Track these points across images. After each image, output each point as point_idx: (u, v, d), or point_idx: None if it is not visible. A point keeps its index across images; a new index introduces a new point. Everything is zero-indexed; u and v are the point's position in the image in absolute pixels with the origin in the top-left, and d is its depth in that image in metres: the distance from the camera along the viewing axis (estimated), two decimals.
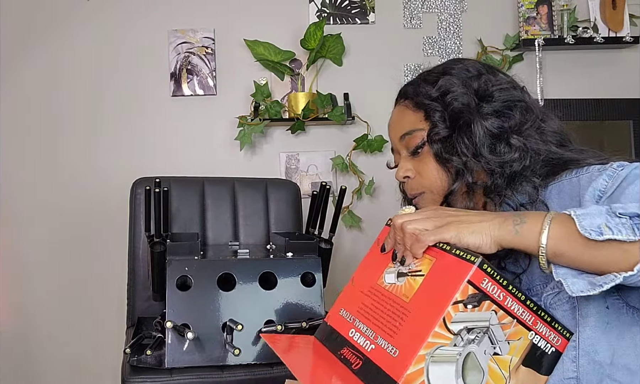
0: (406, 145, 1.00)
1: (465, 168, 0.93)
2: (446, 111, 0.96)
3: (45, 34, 2.31)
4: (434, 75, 1.00)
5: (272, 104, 2.34)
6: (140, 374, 1.29)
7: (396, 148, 1.04)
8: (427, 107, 0.97)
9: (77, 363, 2.32)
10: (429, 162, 0.97)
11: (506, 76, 1.00)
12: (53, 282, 2.31)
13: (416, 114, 0.99)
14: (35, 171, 2.31)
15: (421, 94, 0.99)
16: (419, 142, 0.98)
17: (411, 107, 1.01)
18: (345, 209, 2.38)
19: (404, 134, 1.00)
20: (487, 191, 0.92)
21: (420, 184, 0.99)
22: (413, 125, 0.99)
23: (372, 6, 2.43)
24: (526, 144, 0.92)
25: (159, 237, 1.46)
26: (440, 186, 0.96)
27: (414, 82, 1.04)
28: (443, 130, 0.95)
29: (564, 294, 0.78)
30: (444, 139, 0.95)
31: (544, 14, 2.45)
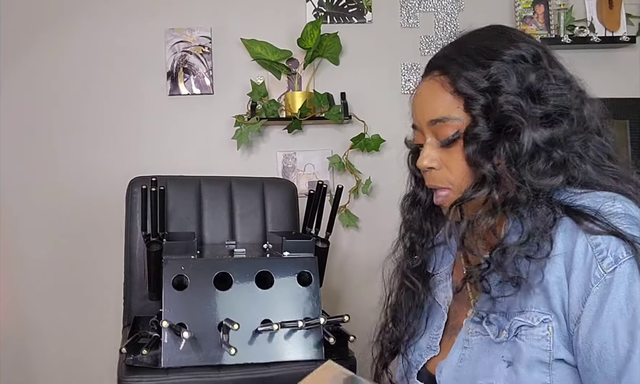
0: (436, 132, 0.86)
1: (496, 179, 0.82)
2: (493, 110, 0.82)
3: (42, 33, 2.31)
4: (485, 56, 0.84)
5: (269, 103, 2.33)
6: (136, 373, 1.29)
7: (421, 128, 0.89)
8: (470, 98, 0.83)
9: (73, 362, 2.32)
10: (458, 159, 0.85)
11: (562, 71, 0.87)
12: (49, 281, 2.30)
13: (454, 99, 0.84)
14: (31, 169, 2.30)
15: (466, 79, 0.83)
16: (453, 133, 0.84)
17: (448, 88, 0.85)
18: (342, 209, 2.38)
19: (435, 119, 0.86)
20: (505, 203, 0.82)
21: (446, 179, 0.87)
22: (448, 111, 0.84)
23: (369, 5, 2.43)
24: (566, 162, 0.82)
25: (155, 236, 1.46)
26: (464, 186, 0.85)
27: (456, 55, 0.86)
28: (484, 131, 0.82)
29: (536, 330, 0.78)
30: (483, 142, 0.82)
31: (541, 13, 2.45)
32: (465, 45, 0.87)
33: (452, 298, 0.96)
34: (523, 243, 0.80)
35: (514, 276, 0.80)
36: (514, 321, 0.81)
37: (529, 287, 0.80)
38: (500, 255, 0.81)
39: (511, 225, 0.83)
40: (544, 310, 0.79)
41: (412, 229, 1.01)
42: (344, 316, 1.39)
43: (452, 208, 0.86)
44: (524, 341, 0.79)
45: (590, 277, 0.75)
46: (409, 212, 1.01)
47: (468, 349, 0.87)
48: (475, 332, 0.87)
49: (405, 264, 1.01)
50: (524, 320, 0.80)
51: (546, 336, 0.78)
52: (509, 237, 0.82)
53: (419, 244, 1.00)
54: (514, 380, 0.79)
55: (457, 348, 0.89)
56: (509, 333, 0.81)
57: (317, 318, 1.37)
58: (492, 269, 0.82)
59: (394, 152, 2.43)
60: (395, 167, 2.67)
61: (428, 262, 1.01)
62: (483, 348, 0.85)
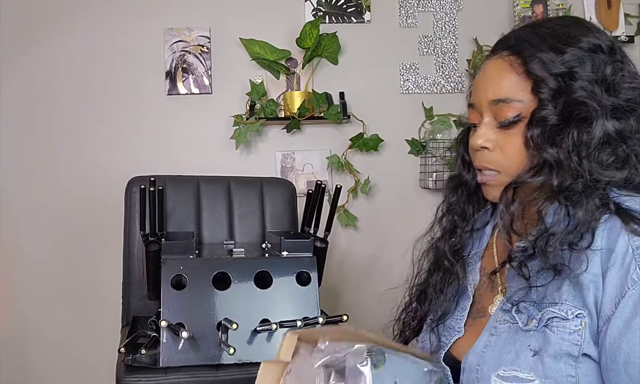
0: (496, 112, 0.85)
1: (558, 166, 0.80)
2: (565, 95, 0.80)
3: (41, 33, 2.31)
4: (560, 41, 0.82)
5: (268, 103, 2.33)
6: (135, 373, 1.29)
7: (479, 107, 0.88)
8: (541, 80, 0.81)
9: (71, 362, 2.32)
10: (515, 142, 0.84)
11: (633, 67, 0.86)
12: (48, 280, 2.30)
13: (521, 81, 0.83)
14: (30, 169, 2.30)
15: (540, 61, 0.81)
16: (514, 115, 0.83)
17: (517, 69, 0.83)
18: (340, 208, 2.38)
19: (498, 99, 0.84)
20: (559, 191, 0.80)
21: (498, 162, 0.86)
22: (513, 92, 0.83)
23: (368, 5, 2.43)
24: (629, 157, 0.81)
25: (154, 236, 1.46)
26: (517, 171, 0.84)
27: (530, 38, 0.85)
28: (552, 116, 0.80)
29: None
30: (550, 126, 0.80)
31: (540, 13, 2.45)
32: (540, 29, 0.86)
33: (478, 282, 0.96)
34: (570, 232, 0.79)
35: (556, 264, 0.79)
36: (546, 312, 0.80)
37: (566, 276, 0.79)
38: (545, 241, 0.80)
39: (556, 212, 0.81)
40: (578, 305, 0.78)
41: (454, 212, 1.00)
42: (343, 316, 1.39)
43: (507, 191, 0.85)
44: (555, 332, 0.79)
45: (627, 279, 0.75)
46: (453, 194, 1.01)
47: (495, 336, 0.86)
48: (503, 320, 0.86)
49: (444, 245, 0.99)
50: (557, 312, 0.79)
51: (578, 331, 0.78)
52: (554, 224, 0.81)
53: (460, 227, 0.99)
54: (539, 369, 0.79)
55: (485, 335, 0.88)
56: (538, 323, 0.81)
57: (316, 318, 1.37)
58: (535, 255, 0.81)
59: (393, 152, 2.44)
60: (394, 167, 2.67)
61: (465, 246, 1.00)
62: (510, 335, 0.84)
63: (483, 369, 0.85)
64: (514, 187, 0.84)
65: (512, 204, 0.84)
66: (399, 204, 2.45)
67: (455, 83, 2.47)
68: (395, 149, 2.44)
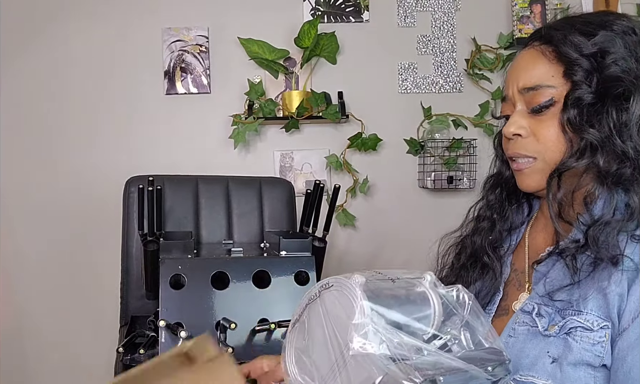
0: (528, 100, 0.86)
1: (601, 146, 0.79)
2: (598, 73, 0.80)
3: (39, 33, 2.30)
4: (590, 27, 0.83)
5: (267, 103, 2.33)
6: None
7: (511, 98, 0.89)
8: (573, 63, 0.81)
9: (70, 361, 2.32)
10: (550, 127, 0.83)
11: None
12: (46, 280, 2.30)
13: (552, 67, 0.84)
14: (29, 169, 2.30)
15: (571, 43, 0.82)
16: (546, 100, 0.83)
17: (549, 55, 0.84)
18: (339, 208, 2.38)
19: (529, 87, 0.85)
20: (607, 174, 0.78)
21: (534, 148, 0.85)
22: (544, 79, 0.84)
23: (366, 5, 2.43)
24: None
25: (152, 235, 1.46)
26: (555, 157, 0.83)
27: (561, 26, 0.86)
28: (588, 94, 0.80)
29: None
30: (587, 106, 0.80)
31: (538, 12, 2.46)
32: (571, 18, 0.87)
33: (508, 277, 0.95)
34: (628, 220, 0.77)
35: (613, 255, 0.76)
36: (570, 320, 0.78)
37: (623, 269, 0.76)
38: (600, 230, 0.78)
39: (607, 200, 0.79)
40: (603, 316, 0.77)
41: (493, 209, 1.00)
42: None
43: (552, 179, 0.83)
44: (577, 342, 0.77)
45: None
46: (492, 192, 1.01)
47: (513, 338, 0.85)
48: (523, 322, 0.85)
49: (483, 241, 0.98)
50: (582, 322, 0.77)
51: (602, 343, 0.76)
52: (606, 213, 0.79)
53: (499, 224, 0.98)
54: (557, 377, 0.77)
55: (503, 336, 0.87)
56: (560, 330, 0.79)
57: None
58: (587, 246, 0.79)
59: (391, 152, 2.44)
60: (393, 166, 2.68)
61: (502, 244, 0.99)
62: (528, 338, 0.83)
63: None
64: (558, 174, 0.83)
65: (558, 191, 0.83)
66: (398, 203, 2.46)
67: (453, 83, 2.47)
68: (393, 149, 2.44)
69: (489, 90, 2.46)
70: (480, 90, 2.47)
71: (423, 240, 1.08)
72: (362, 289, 0.62)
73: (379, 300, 0.62)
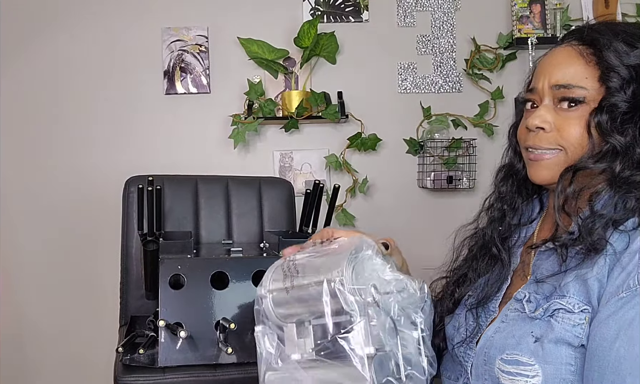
0: (557, 95, 0.87)
1: (624, 153, 0.82)
2: (635, 84, 0.83)
3: (39, 33, 2.31)
4: (634, 38, 0.85)
5: (266, 103, 2.33)
6: (133, 373, 1.29)
7: (541, 91, 0.90)
8: (612, 69, 0.84)
9: (69, 361, 2.32)
10: (575, 124, 0.86)
11: None
12: (46, 280, 2.30)
13: (588, 69, 0.85)
14: (28, 168, 2.30)
15: (614, 50, 0.84)
16: (576, 97, 0.85)
17: (587, 57, 0.86)
18: (339, 208, 2.38)
19: (561, 85, 0.86)
20: (619, 180, 0.82)
21: (556, 141, 0.87)
22: (577, 79, 0.86)
23: (366, 5, 2.43)
24: None
25: (151, 235, 1.46)
26: (576, 154, 0.86)
27: (604, 31, 0.87)
28: (623, 103, 0.82)
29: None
30: (620, 114, 0.82)
31: (537, 12, 2.46)
32: (612, 26, 0.88)
33: (516, 267, 0.97)
34: (620, 216, 0.81)
35: (595, 240, 0.80)
36: (554, 303, 0.82)
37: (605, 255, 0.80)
38: (592, 221, 0.81)
39: (609, 198, 0.83)
40: (584, 301, 0.80)
41: (504, 201, 1.01)
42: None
43: (567, 173, 0.86)
44: (559, 322, 0.80)
45: (624, 283, 0.76)
46: (503, 184, 1.02)
47: (505, 323, 0.89)
48: (515, 309, 0.88)
49: (493, 232, 1.00)
50: (564, 304, 0.81)
51: (582, 325, 0.79)
52: (603, 208, 0.82)
53: (509, 216, 1.00)
54: (539, 355, 0.80)
55: (497, 322, 0.90)
56: (545, 312, 0.83)
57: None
58: (580, 238, 0.82)
59: (391, 152, 2.44)
60: (392, 166, 2.68)
61: (512, 235, 1.01)
62: (517, 322, 0.86)
63: (490, 353, 0.87)
64: (574, 170, 0.85)
65: (569, 186, 0.85)
66: (397, 203, 2.46)
67: (453, 83, 2.47)
68: (393, 149, 2.44)
69: (489, 90, 2.46)
70: (480, 90, 2.47)
71: (423, 240, 1.09)
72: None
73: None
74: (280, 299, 0.83)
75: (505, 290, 0.95)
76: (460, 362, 0.94)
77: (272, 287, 0.84)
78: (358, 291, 0.73)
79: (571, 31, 0.92)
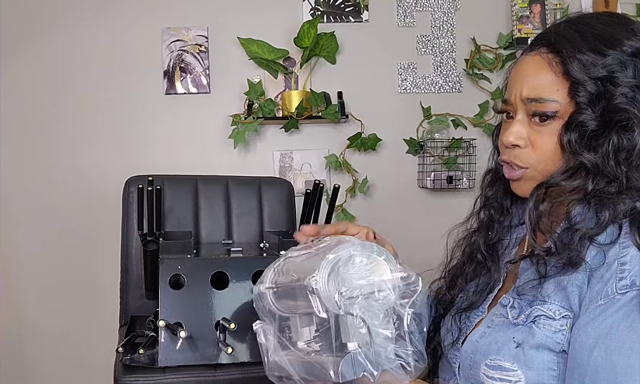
0: (530, 109, 0.84)
1: (595, 171, 0.79)
2: (604, 100, 0.79)
3: (39, 33, 2.30)
4: (603, 42, 0.80)
5: (266, 103, 2.33)
6: (133, 373, 1.29)
7: (514, 103, 0.87)
8: (579, 84, 0.79)
9: (69, 361, 2.32)
10: (549, 141, 0.83)
11: None
12: (46, 280, 2.30)
13: (558, 81, 0.81)
14: (28, 168, 2.30)
15: (580, 63, 0.79)
16: (548, 111, 0.82)
17: (555, 67, 0.82)
18: (339, 208, 2.38)
19: (532, 98, 0.83)
20: (593, 194, 0.80)
21: (529, 158, 0.85)
22: (548, 92, 0.82)
23: (366, 5, 2.43)
24: None
25: (151, 235, 1.46)
26: (549, 169, 0.83)
27: (571, 36, 0.82)
28: (591, 121, 0.79)
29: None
30: (589, 132, 0.79)
31: (537, 12, 2.46)
32: (583, 27, 0.83)
33: (511, 267, 0.96)
34: (595, 229, 0.79)
35: (571, 256, 0.79)
36: (535, 309, 0.82)
37: (583, 270, 0.79)
38: (569, 236, 0.80)
39: (583, 211, 0.81)
40: (565, 307, 0.80)
41: (491, 206, 1.00)
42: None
43: (539, 189, 0.84)
44: (540, 328, 0.81)
45: (602, 290, 0.76)
46: (490, 188, 1.00)
47: (490, 328, 0.89)
48: (499, 314, 0.89)
49: (480, 238, 0.99)
50: (545, 311, 0.81)
51: (563, 331, 0.79)
52: (580, 222, 0.81)
53: (497, 221, 0.99)
54: (521, 360, 0.81)
55: (482, 326, 0.91)
56: (527, 318, 0.83)
57: None
58: (556, 252, 0.81)
59: (391, 152, 2.44)
60: (392, 166, 2.67)
61: (503, 241, 0.99)
62: (500, 328, 0.87)
63: (475, 358, 0.88)
64: (546, 187, 0.84)
65: (542, 203, 0.84)
66: (397, 203, 2.46)
67: (453, 83, 2.47)
68: (393, 149, 2.44)
69: (489, 90, 2.46)
70: (480, 90, 2.47)
71: (422, 240, 1.09)
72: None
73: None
74: (278, 293, 0.87)
75: (497, 292, 0.95)
76: (450, 363, 0.95)
77: (268, 284, 0.88)
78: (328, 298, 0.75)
79: (540, 35, 0.88)
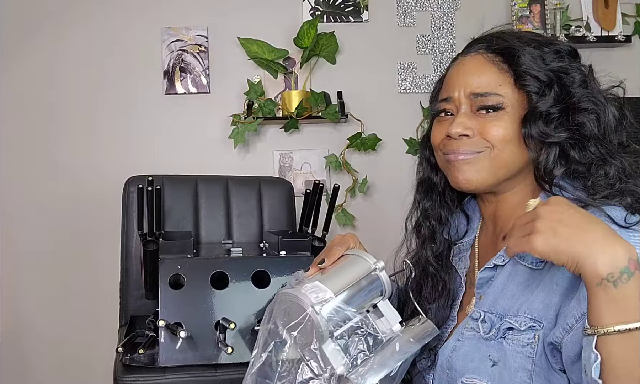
0: (474, 103, 0.87)
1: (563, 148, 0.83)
2: (557, 86, 0.84)
3: (38, 33, 2.31)
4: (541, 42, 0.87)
5: (266, 103, 2.33)
6: (133, 373, 1.29)
7: (457, 99, 0.89)
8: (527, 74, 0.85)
9: (69, 361, 2.32)
10: (497, 125, 0.85)
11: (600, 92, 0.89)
12: (45, 280, 2.30)
13: (502, 76, 0.86)
14: (28, 168, 2.30)
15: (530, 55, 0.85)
16: (495, 104, 0.85)
17: (499, 64, 0.87)
18: (338, 208, 2.38)
19: (479, 93, 0.86)
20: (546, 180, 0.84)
21: (481, 143, 0.86)
22: (493, 87, 0.86)
23: (366, 5, 2.43)
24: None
25: (151, 235, 1.46)
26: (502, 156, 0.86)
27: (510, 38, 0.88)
28: (551, 107, 0.83)
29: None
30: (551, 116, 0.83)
31: (537, 12, 2.46)
32: (516, 34, 0.90)
33: (469, 268, 0.95)
34: None
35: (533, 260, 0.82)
36: (505, 322, 0.81)
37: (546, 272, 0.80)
38: None
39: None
40: (535, 316, 0.79)
41: (430, 217, 1.00)
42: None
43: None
44: (510, 345, 0.80)
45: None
46: (426, 199, 1.02)
47: (461, 341, 0.87)
48: (470, 328, 0.87)
49: (427, 252, 0.98)
50: (513, 323, 0.80)
51: (531, 344, 0.78)
52: None
53: (439, 232, 0.99)
54: (496, 379, 0.80)
55: (453, 339, 0.89)
56: (497, 332, 0.82)
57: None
58: (523, 258, 0.83)
59: (391, 152, 2.44)
60: (392, 166, 2.67)
61: (449, 247, 0.99)
62: (473, 344, 0.85)
63: (451, 374, 0.86)
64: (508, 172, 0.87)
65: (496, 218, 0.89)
66: (397, 203, 2.44)
67: None
68: (393, 149, 2.44)
69: None
70: None
71: None
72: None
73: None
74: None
75: (462, 297, 0.94)
76: (423, 377, 0.93)
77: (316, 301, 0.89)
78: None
79: (477, 40, 0.92)
